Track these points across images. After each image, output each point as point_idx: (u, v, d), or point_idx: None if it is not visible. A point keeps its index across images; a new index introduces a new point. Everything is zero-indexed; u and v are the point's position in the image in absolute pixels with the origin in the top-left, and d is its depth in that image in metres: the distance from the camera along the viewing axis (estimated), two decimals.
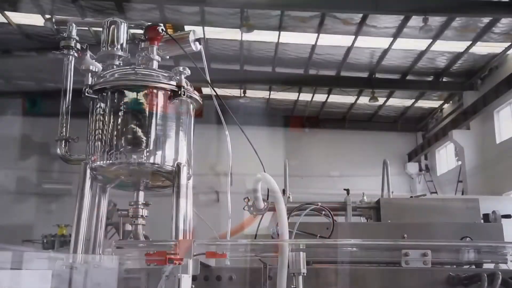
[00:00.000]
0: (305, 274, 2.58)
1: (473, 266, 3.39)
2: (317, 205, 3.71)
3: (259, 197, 3.47)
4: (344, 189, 5.01)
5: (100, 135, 3.15)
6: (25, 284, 1.81)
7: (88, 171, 3.13)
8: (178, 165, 3.20)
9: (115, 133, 3.10)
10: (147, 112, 3.14)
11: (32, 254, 2.07)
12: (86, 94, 3.12)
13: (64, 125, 3.32)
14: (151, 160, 3.10)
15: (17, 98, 20.98)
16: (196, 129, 3.60)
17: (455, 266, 3.22)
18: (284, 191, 4.71)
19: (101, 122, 3.17)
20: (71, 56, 3.37)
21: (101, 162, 3.09)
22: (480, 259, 3.27)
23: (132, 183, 3.30)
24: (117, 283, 2.47)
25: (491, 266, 3.33)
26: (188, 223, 3.40)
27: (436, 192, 20.76)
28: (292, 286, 2.57)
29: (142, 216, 3.29)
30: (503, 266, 3.26)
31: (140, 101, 3.14)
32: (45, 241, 11.88)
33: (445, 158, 21.79)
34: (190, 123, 3.43)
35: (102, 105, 3.18)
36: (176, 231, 2.99)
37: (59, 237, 11.79)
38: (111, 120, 3.13)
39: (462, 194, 17.58)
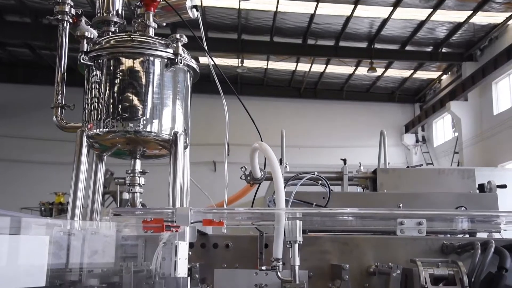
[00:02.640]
0: (301, 242, 2.60)
1: (467, 235, 3.43)
2: (314, 174, 3.72)
3: (256, 166, 3.48)
4: (341, 159, 5.02)
5: (96, 103, 3.13)
6: (23, 249, 1.82)
7: (85, 139, 3.12)
8: (175, 134, 3.19)
9: (111, 101, 3.07)
10: (143, 80, 3.10)
11: (30, 220, 2.08)
12: (82, 61, 3.08)
13: (60, 92, 3.29)
14: (148, 129, 3.09)
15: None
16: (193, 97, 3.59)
17: (449, 235, 3.25)
18: (281, 161, 4.71)
19: (97, 90, 3.14)
20: (65, 22, 3.30)
21: (98, 130, 3.07)
22: (474, 228, 3.31)
23: (129, 152, 3.30)
24: (114, 250, 2.49)
25: (484, 235, 3.38)
26: (185, 192, 3.41)
27: (432, 164, 20.91)
28: (288, 245, 2.60)
29: (139, 184, 3.30)
30: (496, 235, 3.30)
31: (136, 68, 3.10)
32: (43, 208, 11.98)
33: (442, 129, 21.85)
34: (187, 92, 3.40)
35: (98, 72, 3.14)
36: (173, 199, 3.00)
37: (56, 204, 11.89)
38: (107, 88, 3.09)
39: (458, 165, 17.69)
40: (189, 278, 2.25)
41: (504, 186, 4.10)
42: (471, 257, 2.60)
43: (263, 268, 2.70)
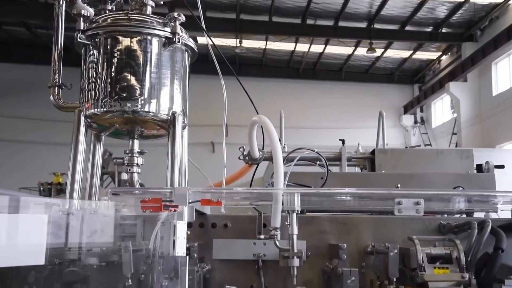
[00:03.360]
0: (299, 212, 2.62)
1: (464, 215, 3.45)
2: (313, 150, 3.72)
3: (254, 143, 3.45)
4: (340, 140, 5.02)
5: (93, 83, 3.10)
6: (22, 228, 1.83)
7: (82, 118, 3.10)
8: (173, 114, 3.17)
9: (108, 80, 3.05)
10: (141, 60, 3.08)
11: (29, 199, 2.08)
12: (78, 39, 3.04)
13: (57, 71, 3.26)
14: (146, 109, 3.07)
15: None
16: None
17: (446, 215, 3.27)
18: (279, 141, 4.70)
19: (94, 70, 3.11)
20: (62, 0, 3.26)
21: (95, 109, 3.06)
22: (471, 208, 3.32)
23: (127, 132, 3.29)
24: (113, 230, 2.51)
25: (481, 215, 3.40)
26: (183, 172, 3.41)
27: (430, 145, 20.94)
28: (286, 223, 2.61)
29: (137, 164, 3.29)
30: (493, 215, 3.32)
31: (134, 47, 3.07)
32: (41, 189, 12.02)
33: (440, 110, 21.83)
34: (186, 72, 3.38)
35: (95, 51, 3.11)
36: (171, 179, 3.00)
37: (55, 185, 11.92)
38: (104, 67, 3.07)
39: (456, 146, 17.72)
40: (187, 257, 2.27)
41: (501, 167, 4.11)
42: (467, 237, 2.62)
43: (261, 237, 2.72)
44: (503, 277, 2.41)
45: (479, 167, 3.97)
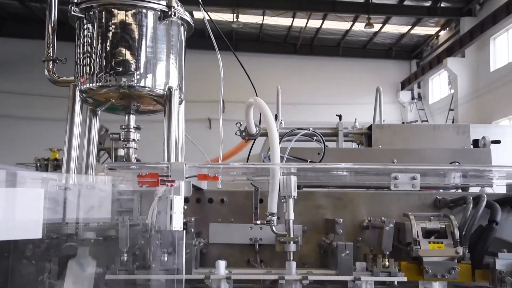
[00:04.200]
0: (295, 197, 2.62)
1: (460, 190, 3.47)
2: (309, 129, 3.71)
3: (251, 122, 3.46)
4: (337, 115, 5.01)
5: (88, 57, 3.07)
6: (19, 202, 1.83)
7: (78, 93, 3.08)
8: (170, 89, 3.15)
9: (103, 55, 3.02)
10: (136, 33, 3.04)
11: (26, 174, 2.08)
12: (72, 12, 3.00)
13: (51, 45, 3.22)
14: (142, 83, 3.05)
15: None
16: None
17: (441, 190, 3.29)
18: (276, 117, 4.70)
19: (88, 44, 3.08)
20: None
21: (91, 84, 3.03)
22: (467, 183, 3.34)
23: (123, 107, 3.27)
24: (110, 205, 2.51)
25: (477, 190, 3.42)
26: (180, 147, 3.41)
27: (427, 121, 20.95)
28: (282, 200, 2.63)
29: (133, 139, 3.29)
30: (488, 190, 3.35)
31: (129, 21, 3.03)
32: (38, 164, 12.00)
33: (438, 86, 21.78)
34: (181, 46, 3.34)
35: (89, 25, 3.07)
36: (168, 154, 3.00)
37: (52, 160, 11.90)
38: (99, 41, 3.03)
39: (453, 122, 17.73)
40: (184, 231, 2.28)
41: (498, 142, 4.12)
42: (463, 212, 2.64)
43: (258, 222, 2.73)
44: (497, 250, 2.44)
45: (476, 143, 3.98)
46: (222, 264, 2.48)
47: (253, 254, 2.95)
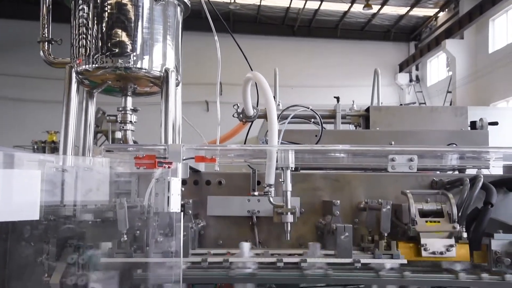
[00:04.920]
0: (293, 169, 2.62)
1: (457, 172, 3.48)
2: (308, 108, 3.70)
3: (248, 100, 3.43)
4: (334, 97, 4.99)
5: (84, 39, 3.04)
6: (16, 183, 1.83)
7: (74, 75, 3.06)
8: (166, 71, 3.13)
9: (99, 36, 2.99)
10: (132, 14, 3.01)
11: (23, 155, 2.07)
12: None
13: (46, 26, 3.19)
14: (138, 65, 3.03)
15: None
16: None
17: (438, 172, 3.30)
18: (274, 98, 4.67)
19: (84, 25, 3.04)
20: None
21: (87, 66, 3.01)
22: (464, 165, 3.35)
23: (120, 88, 3.25)
24: (107, 186, 2.51)
25: (474, 172, 3.43)
26: (177, 129, 3.40)
27: (424, 103, 20.93)
28: (280, 180, 2.63)
29: (131, 121, 3.28)
30: (485, 172, 3.35)
31: (124, 1, 2.99)
32: (35, 147, 11.98)
33: (436, 68, 21.71)
34: (178, 28, 3.31)
35: (85, 6, 3.03)
36: (165, 135, 2.99)
37: (49, 143, 11.88)
38: (95, 22, 3.00)
39: (450, 105, 17.72)
40: (182, 213, 2.28)
41: (495, 124, 4.12)
42: (459, 193, 2.64)
43: (256, 193, 2.74)
44: (493, 231, 2.45)
45: (473, 124, 3.98)
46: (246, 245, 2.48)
47: (251, 233, 2.96)
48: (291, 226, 2.64)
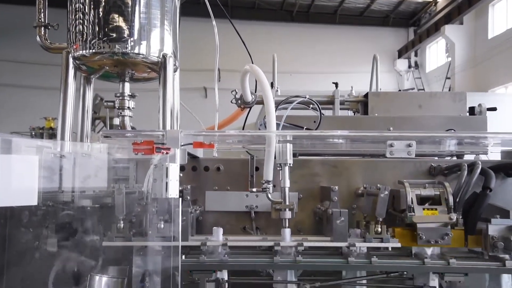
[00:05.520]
0: (291, 165, 2.63)
1: (455, 158, 3.49)
2: (305, 97, 3.69)
3: (246, 90, 3.43)
4: (333, 83, 4.98)
5: (81, 24, 3.01)
6: (13, 168, 1.82)
7: (71, 60, 3.04)
8: (164, 56, 3.11)
9: (96, 21, 2.96)
10: None
11: (20, 141, 2.06)
12: None
13: (42, 10, 3.15)
14: (136, 50, 3.01)
15: None
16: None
17: (436, 158, 3.30)
18: (272, 85, 4.66)
19: (81, 10, 3.01)
20: None
21: (84, 51, 2.99)
22: (462, 150, 3.35)
23: (117, 74, 3.23)
24: (106, 172, 2.51)
25: (472, 158, 3.44)
26: (175, 116, 3.39)
27: (423, 89, 20.88)
28: (278, 168, 2.63)
29: (128, 107, 3.27)
30: (483, 157, 3.36)
31: None
32: (33, 133, 11.95)
33: (435, 54, 21.62)
34: (176, 13, 3.28)
35: None
36: (163, 121, 2.99)
37: (47, 129, 11.85)
38: (92, 7, 2.97)
39: (449, 91, 17.68)
40: (180, 199, 2.29)
41: (494, 109, 4.11)
42: (457, 179, 2.65)
43: (254, 190, 2.74)
44: (490, 216, 2.46)
45: (472, 110, 3.97)
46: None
47: (249, 221, 2.98)
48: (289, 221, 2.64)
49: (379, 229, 2.50)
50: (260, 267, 2.50)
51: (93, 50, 2.97)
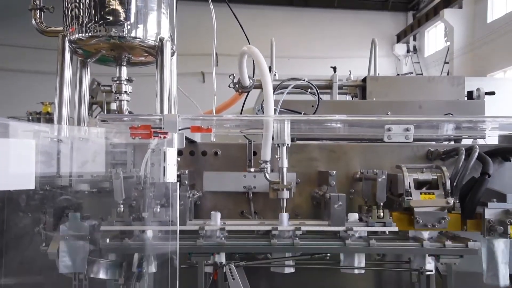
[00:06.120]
0: (289, 145, 2.62)
1: (453, 142, 3.49)
2: (303, 80, 3.67)
3: (244, 72, 3.40)
4: (331, 67, 4.96)
5: (77, 7, 2.98)
6: (10, 152, 1.82)
7: (67, 44, 3.01)
8: (161, 40, 3.09)
9: (92, 3, 2.93)
10: None
11: (17, 125, 2.06)
12: None
13: None
14: (133, 34, 2.98)
15: None
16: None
17: (434, 142, 3.30)
18: (270, 69, 4.64)
19: None
20: None
21: (80, 34, 2.96)
22: (460, 135, 3.35)
23: (114, 58, 3.21)
24: (103, 157, 2.51)
25: (469, 142, 3.44)
26: (173, 100, 3.38)
27: (421, 74, 20.83)
28: (276, 156, 2.63)
29: (125, 92, 3.25)
30: (480, 142, 3.36)
31: None
32: (30, 118, 11.91)
33: (434, 39, 21.53)
34: None
35: None
36: (160, 105, 2.97)
37: (44, 114, 11.81)
38: None
39: (448, 75, 17.64)
40: (178, 183, 2.29)
41: (492, 93, 4.11)
42: (455, 163, 2.66)
43: (252, 170, 2.74)
44: (487, 201, 2.47)
45: (470, 94, 3.97)
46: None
47: (247, 206, 2.98)
48: (287, 200, 2.65)
49: (381, 214, 2.51)
50: (258, 249, 2.51)
51: (90, 34, 2.94)
